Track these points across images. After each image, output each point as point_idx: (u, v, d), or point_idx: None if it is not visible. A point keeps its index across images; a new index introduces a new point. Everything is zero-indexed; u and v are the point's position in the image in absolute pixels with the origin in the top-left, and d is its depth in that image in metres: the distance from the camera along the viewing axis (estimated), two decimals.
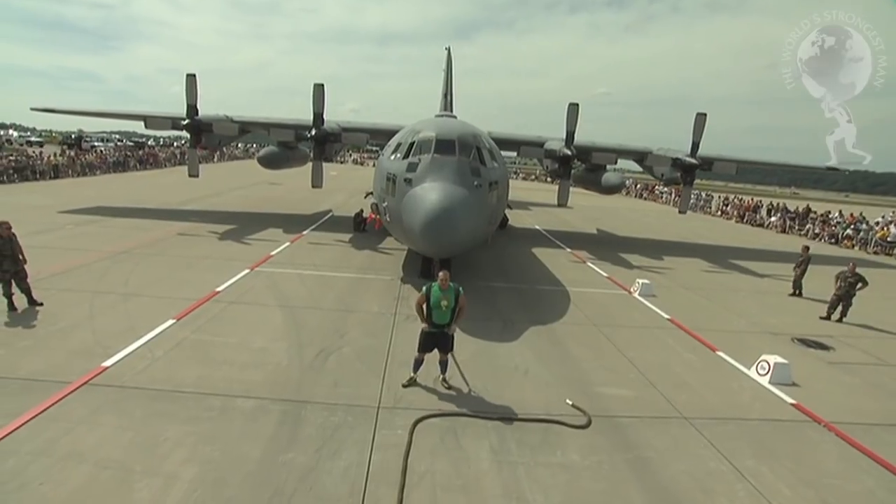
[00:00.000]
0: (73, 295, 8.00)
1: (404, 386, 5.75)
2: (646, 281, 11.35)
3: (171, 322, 7.14)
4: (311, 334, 7.21)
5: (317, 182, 15.45)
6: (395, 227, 9.98)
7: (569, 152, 14.95)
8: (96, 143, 37.05)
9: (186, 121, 14.26)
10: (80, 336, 6.47)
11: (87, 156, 26.32)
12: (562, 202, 15.71)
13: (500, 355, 7.06)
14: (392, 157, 10.45)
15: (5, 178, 20.19)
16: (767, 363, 6.86)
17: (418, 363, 5.80)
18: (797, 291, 12.25)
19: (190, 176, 15.19)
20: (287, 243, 13.36)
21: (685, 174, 15.61)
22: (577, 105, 14.65)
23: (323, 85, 14.35)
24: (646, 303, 10.48)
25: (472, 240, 9.25)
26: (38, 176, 21.95)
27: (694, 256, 16.68)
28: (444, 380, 5.86)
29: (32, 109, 16.27)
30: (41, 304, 7.39)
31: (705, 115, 14.79)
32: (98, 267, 9.72)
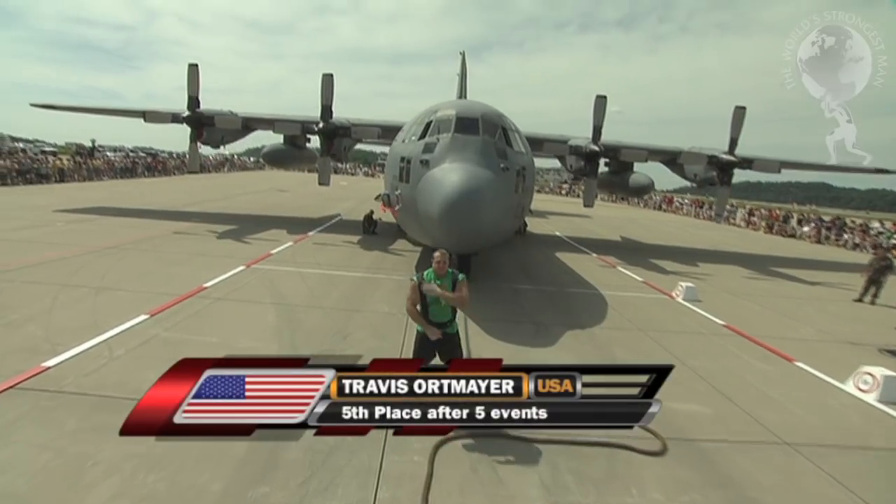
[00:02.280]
0: (37, 287, 6.91)
1: None
2: (690, 284, 10.03)
3: (143, 318, 6.00)
4: (307, 335, 6.00)
5: (324, 179, 14.44)
6: (408, 218, 8.81)
7: (596, 148, 13.77)
8: (108, 154, 36.79)
9: (187, 113, 13.38)
10: (28, 331, 5.33)
11: (94, 161, 25.96)
12: (588, 202, 14.48)
13: (536, 360, 5.77)
14: (405, 141, 9.35)
15: (8, 180, 19.57)
16: (873, 377, 5.48)
17: None
18: (868, 297, 10.92)
19: (189, 172, 14.31)
20: (290, 243, 12.26)
21: (722, 173, 14.30)
22: (605, 98, 13.52)
23: (332, 75, 13.41)
24: (693, 307, 9.14)
25: (497, 231, 8.04)
26: (42, 179, 21.34)
27: (730, 264, 15.27)
28: None
29: (32, 105, 15.63)
30: None
31: (744, 108, 13.56)
32: (77, 261, 8.66)
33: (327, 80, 13.34)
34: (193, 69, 13.22)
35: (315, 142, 15.16)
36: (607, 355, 6.19)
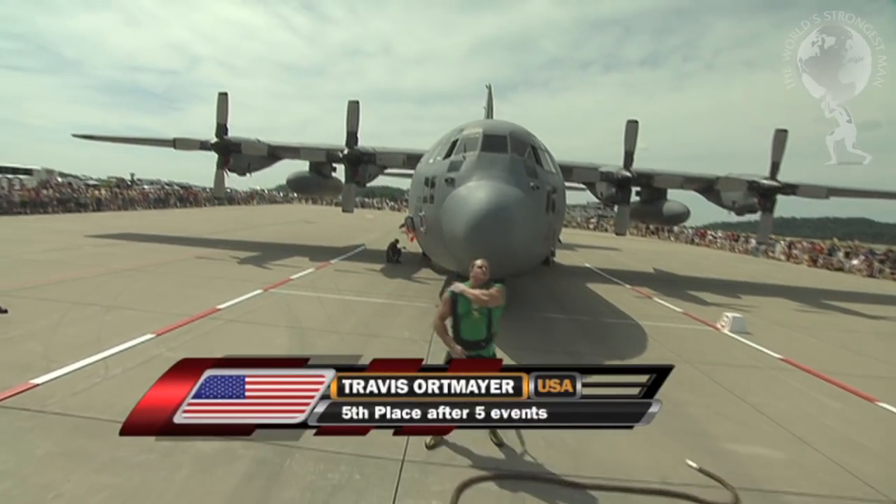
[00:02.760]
0: (48, 304, 6.70)
1: (428, 447, 3.64)
2: (737, 315, 9.16)
3: (148, 337, 5.66)
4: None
5: (348, 206, 14.30)
6: (433, 241, 8.38)
7: (628, 174, 13.23)
8: (145, 186, 38.35)
9: (214, 140, 13.58)
10: (27, 347, 5.02)
11: (129, 192, 26.94)
12: (620, 230, 13.83)
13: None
14: (430, 161, 9.05)
15: (49, 208, 20.33)
16: None
17: None
18: None
19: (215, 197, 14.35)
20: (311, 269, 12.00)
21: (763, 199, 13.48)
22: (636, 123, 13.08)
23: (358, 102, 13.46)
24: (742, 340, 8.29)
25: (527, 253, 7.51)
26: (81, 208, 22.09)
27: (776, 296, 14.18)
28: (493, 433, 3.78)
29: (74, 136, 16.32)
30: (5, 311, 6.09)
31: (786, 131, 12.87)
32: (95, 280, 8.54)
33: (353, 108, 13.39)
34: (223, 97, 13.50)
35: (341, 173, 15.15)
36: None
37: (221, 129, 13.73)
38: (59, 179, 29.53)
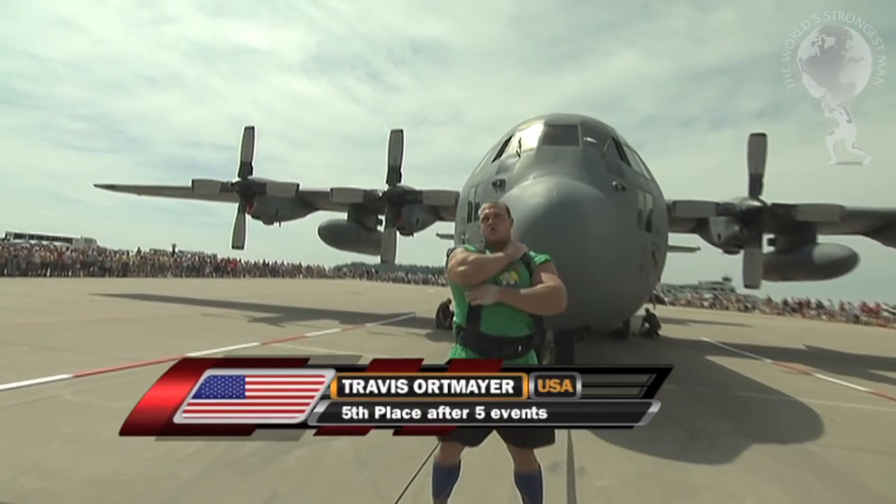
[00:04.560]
0: None
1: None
2: None
3: (61, 377, 5.02)
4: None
5: (387, 255, 13.55)
6: None
7: (757, 204, 11.39)
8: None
9: (236, 180, 13.66)
10: None
11: (160, 258, 28.47)
12: (751, 282, 11.69)
13: (700, 485, 3.44)
14: (477, 171, 8.08)
15: (70, 271, 21.66)
16: None
17: (445, 475, 2.49)
18: None
19: (233, 247, 14.19)
20: (337, 330, 11.09)
21: None
22: (764, 136, 11.53)
23: (402, 131, 13.13)
24: None
25: (612, 283, 6.09)
26: (105, 273, 23.40)
27: None
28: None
29: (96, 186, 17.43)
30: None
31: None
32: (62, 326, 8.32)
33: (396, 138, 13.06)
34: (249, 132, 13.75)
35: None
36: (862, 493, 3.59)
37: (245, 167, 13.86)
38: (98, 246, 32.24)
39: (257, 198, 13.98)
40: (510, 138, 7.51)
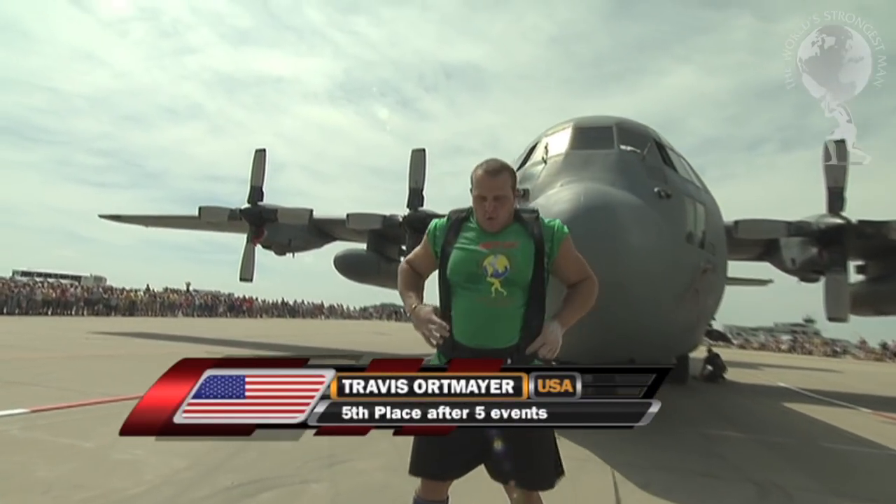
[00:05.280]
0: None
1: None
2: None
3: (16, 411, 4.97)
4: (255, 463, 4.03)
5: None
6: None
7: (839, 221, 10.65)
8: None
9: (246, 206, 13.79)
10: None
11: (170, 296, 29.04)
12: (835, 313, 10.84)
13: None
14: None
15: (74, 309, 22.23)
16: None
17: None
18: None
19: (241, 280, 14.21)
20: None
21: None
22: (844, 142, 10.95)
23: (424, 150, 13.08)
24: None
25: (654, 305, 5.68)
26: (110, 311, 23.97)
27: None
28: None
29: (101, 217, 17.98)
30: None
31: None
32: (42, 362, 8.52)
33: (418, 157, 13.00)
34: (259, 155, 13.94)
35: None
36: None
37: (256, 193, 13.99)
38: (107, 285, 33.26)
39: (268, 225, 14.03)
40: (536, 145, 7.26)
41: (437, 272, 2.11)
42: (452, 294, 2.00)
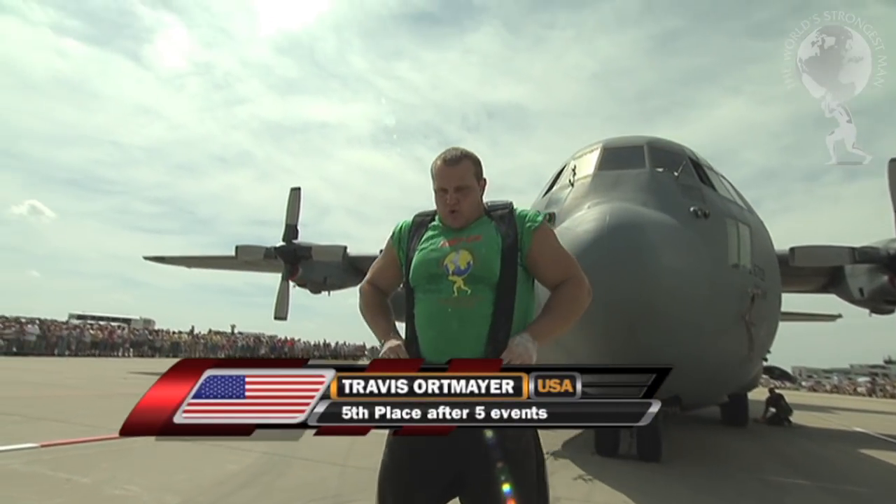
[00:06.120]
0: None
1: None
2: None
3: (26, 445, 5.02)
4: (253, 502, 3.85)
5: None
6: None
7: None
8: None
9: (280, 244, 13.98)
10: None
11: (214, 337, 29.75)
12: None
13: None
14: None
15: (120, 351, 22.99)
16: None
17: None
18: None
19: (276, 318, 14.30)
20: None
21: None
22: None
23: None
24: None
25: (699, 337, 5.31)
26: (155, 353, 24.65)
27: None
28: None
29: (145, 258, 18.65)
30: None
31: None
32: (78, 398, 8.86)
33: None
34: (294, 193, 14.20)
35: None
36: None
37: (291, 231, 14.20)
38: (156, 329, 34.34)
39: (302, 263, 14.15)
40: (563, 168, 7.08)
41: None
42: (416, 301, 1.80)
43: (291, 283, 14.55)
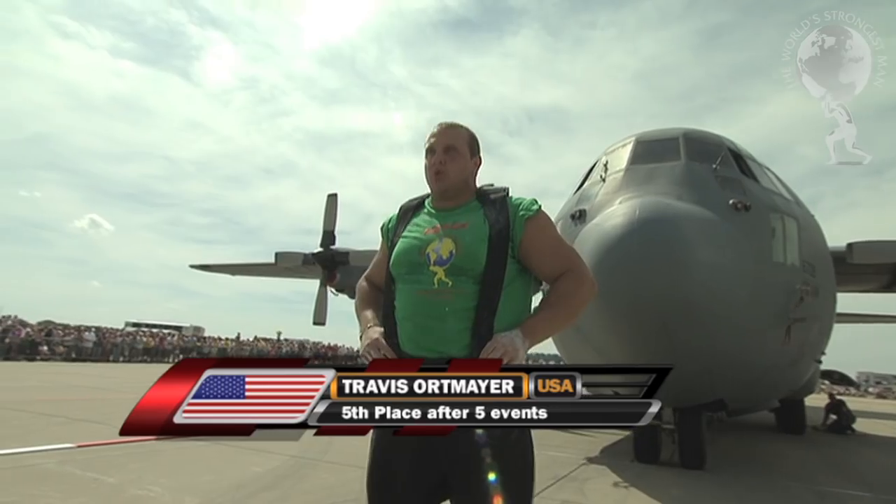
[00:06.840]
0: (16, 413, 6.98)
1: None
2: None
3: (62, 446, 5.17)
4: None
5: None
6: None
7: None
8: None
9: (318, 250, 14.18)
10: None
11: (259, 343, 30.54)
12: None
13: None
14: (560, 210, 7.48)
15: (170, 357, 23.93)
16: None
17: None
18: None
19: (315, 324, 14.51)
20: None
21: None
22: None
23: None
24: None
25: (741, 336, 5.11)
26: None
27: None
28: None
29: (191, 267, 19.24)
30: None
31: None
32: (124, 401, 8.83)
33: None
34: (331, 199, 14.36)
35: None
36: None
37: (328, 237, 14.38)
38: (206, 335, 35.52)
39: (340, 269, 14.32)
40: (595, 164, 6.91)
41: None
42: (395, 291, 1.71)
43: (330, 289, 14.81)
